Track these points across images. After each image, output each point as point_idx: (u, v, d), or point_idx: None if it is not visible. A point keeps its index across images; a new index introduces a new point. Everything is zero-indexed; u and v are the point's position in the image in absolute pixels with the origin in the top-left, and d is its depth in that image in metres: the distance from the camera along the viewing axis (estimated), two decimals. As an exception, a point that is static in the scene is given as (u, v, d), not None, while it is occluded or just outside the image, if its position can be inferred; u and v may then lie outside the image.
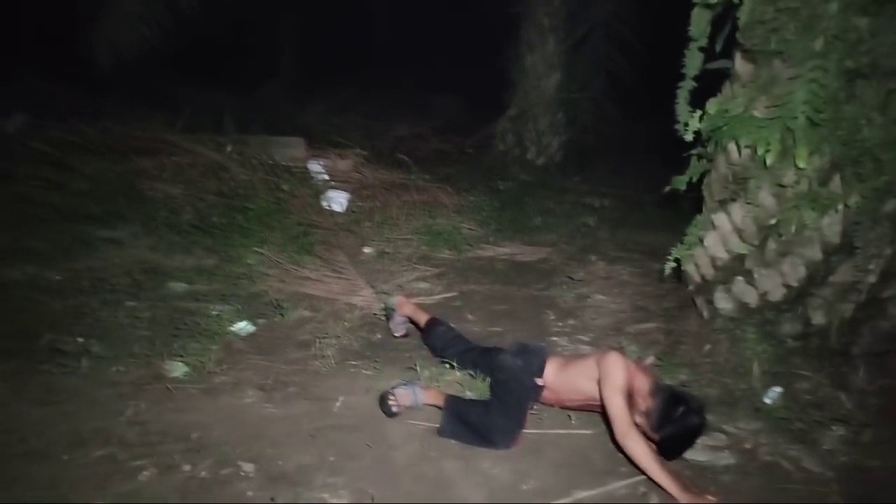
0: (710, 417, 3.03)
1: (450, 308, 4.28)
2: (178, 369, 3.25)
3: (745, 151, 3.26)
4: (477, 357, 3.30)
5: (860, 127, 2.95)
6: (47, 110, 6.23)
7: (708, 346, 3.52)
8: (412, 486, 2.52)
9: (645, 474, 2.55)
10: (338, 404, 3.07)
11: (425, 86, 13.35)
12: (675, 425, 2.51)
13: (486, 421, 2.79)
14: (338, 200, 5.74)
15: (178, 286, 4.32)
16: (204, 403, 3.02)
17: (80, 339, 3.46)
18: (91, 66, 7.14)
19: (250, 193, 5.36)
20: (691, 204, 4.04)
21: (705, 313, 3.61)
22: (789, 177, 3.10)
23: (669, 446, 2.55)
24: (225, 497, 2.40)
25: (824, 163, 3.07)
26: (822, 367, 3.22)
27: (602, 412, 2.78)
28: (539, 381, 2.97)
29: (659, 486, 2.50)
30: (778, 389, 3.10)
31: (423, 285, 4.67)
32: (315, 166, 6.20)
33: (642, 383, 2.72)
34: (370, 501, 2.39)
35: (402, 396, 2.98)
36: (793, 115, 2.94)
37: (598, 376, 2.76)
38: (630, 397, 2.69)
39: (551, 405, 3.04)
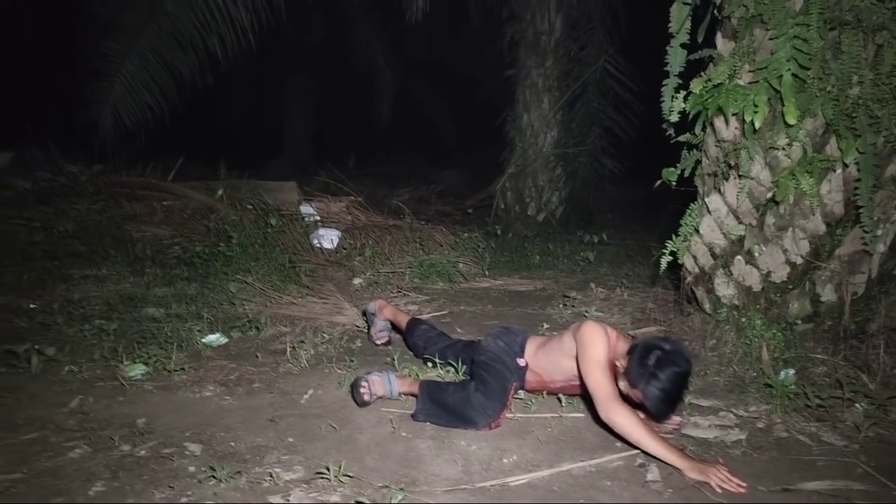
0: (718, 402, 2.75)
1: (440, 324, 4.01)
2: (135, 370, 3.01)
3: (734, 124, 3.11)
4: (460, 350, 3.05)
5: (851, 84, 2.81)
6: (36, 151, 6.23)
7: (713, 341, 3.24)
8: (377, 464, 2.22)
9: (640, 449, 2.24)
10: (306, 396, 2.80)
11: (433, 161, 13.54)
12: (653, 375, 2.19)
13: (464, 399, 2.50)
14: (328, 238, 5.58)
15: (155, 311, 4.12)
16: (157, 397, 2.77)
17: (36, 347, 3.23)
18: (93, 130, 7.26)
19: (237, 229, 5.23)
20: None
21: (707, 305, 3.34)
22: (781, 141, 2.93)
23: (654, 402, 2.21)
24: (162, 473, 2.11)
25: (817, 126, 2.91)
26: (837, 349, 2.92)
27: (586, 392, 2.48)
28: (521, 362, 2.70)
29: (656, 458, 2.18)
30: (791, 372, 2.79)
31: (412, 307, 4.44)
32: (307, 209, 6.10)
33: (623, 349, 2.44)
34: (327, 474, 2.08)
35: (375, 384, 2.70)
36: (778, 73, 2.82)
37: (575, 351, 2.49)
38: (614, 367, 2.41)
39: (538, 391, 2.74)
